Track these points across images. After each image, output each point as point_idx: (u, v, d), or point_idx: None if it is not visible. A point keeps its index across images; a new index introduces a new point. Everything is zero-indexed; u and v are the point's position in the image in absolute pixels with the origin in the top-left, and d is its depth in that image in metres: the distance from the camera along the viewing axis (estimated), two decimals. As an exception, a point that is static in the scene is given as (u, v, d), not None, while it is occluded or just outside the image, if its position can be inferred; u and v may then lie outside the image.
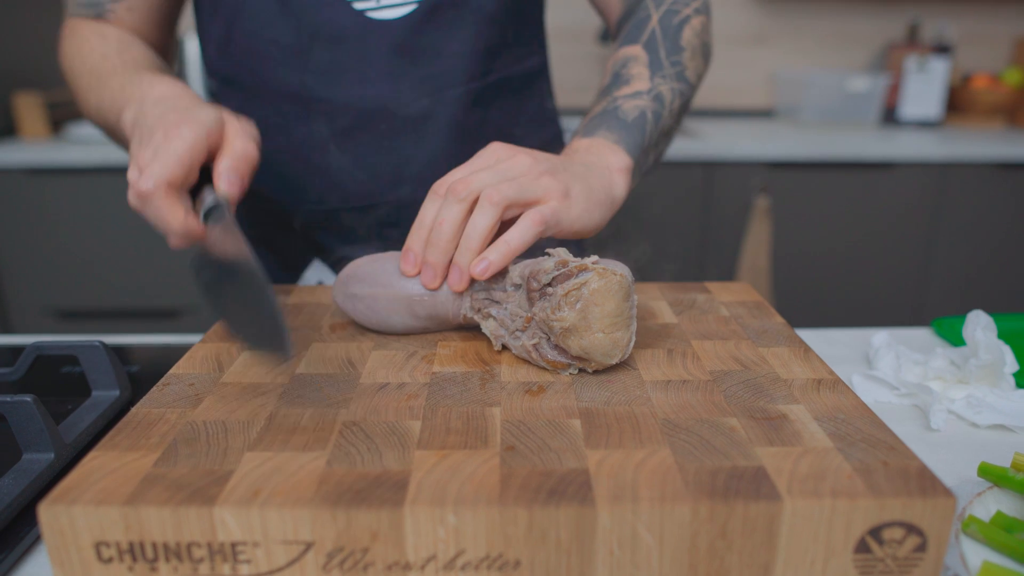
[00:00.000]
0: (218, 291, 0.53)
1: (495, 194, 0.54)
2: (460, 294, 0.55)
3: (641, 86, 0.71)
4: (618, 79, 0.73)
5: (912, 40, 2.36)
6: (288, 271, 0.87)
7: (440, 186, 0.56)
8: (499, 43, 0.79)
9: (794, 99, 2.30)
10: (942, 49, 2.27)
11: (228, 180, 0.56)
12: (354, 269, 0.59)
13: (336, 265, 0.84)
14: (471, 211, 0.54)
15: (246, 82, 0.78)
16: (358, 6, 0.73)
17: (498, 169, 0.56)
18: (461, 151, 0.78)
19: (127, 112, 0.62)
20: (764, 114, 2.48)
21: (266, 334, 0.47)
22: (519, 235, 0.54)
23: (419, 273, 0.56)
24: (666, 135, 0.74)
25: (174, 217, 0.54)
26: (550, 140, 0.89)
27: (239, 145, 0.58)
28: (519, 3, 0.80)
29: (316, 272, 0.85)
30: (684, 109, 0.76)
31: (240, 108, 0.80)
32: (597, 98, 0.73)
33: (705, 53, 0.78)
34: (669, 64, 0.73)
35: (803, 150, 1.95)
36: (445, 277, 0.55)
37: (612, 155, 0.66)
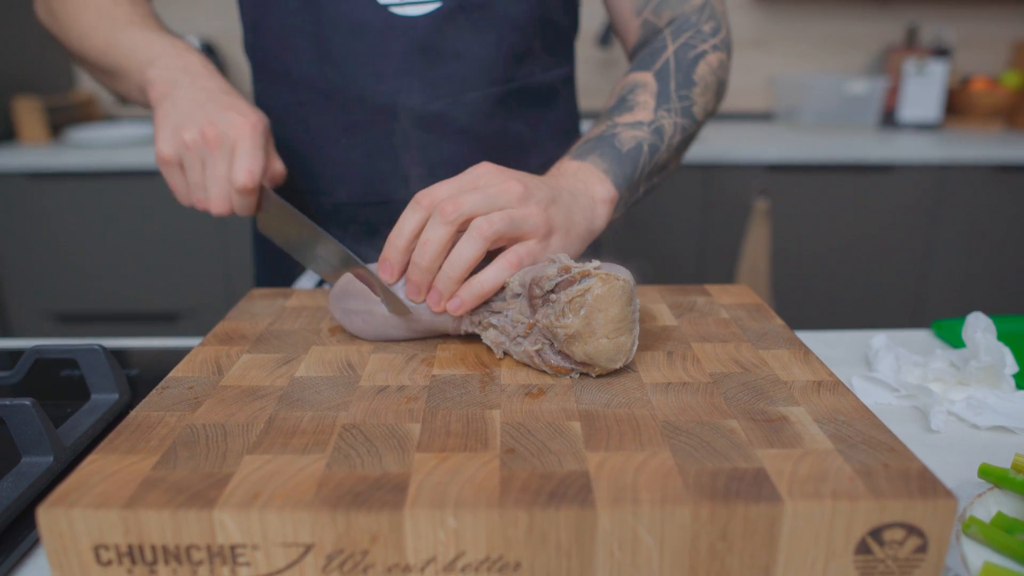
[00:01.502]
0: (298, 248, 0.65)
1: (487, 228, 0.53)
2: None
3: (643, 116, 0.71)
4: (622, 104, 0.72)
5: (911, 43, 2.36)
6: (291, 261, 0.87)
7: (424, 198, 0.55)
8: (524, 50, 0.78)
9: (793, 102, 2.30)
10: (941, 52, 2.27)
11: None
12: (348, 284, 0.58)
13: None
14: (456, 232, 0.54)
15: (271, 67, 0.80)
16: (383, 0, 0.73)
17: (488, 194, 0.55)
18: (474, 157, 0.78)
19: (153, 69, 0.70)
20: (763, 117, 2.49)
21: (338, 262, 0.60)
22: (494, 276, 0.54)
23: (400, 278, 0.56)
24: (661, 169, 0.74)
25: (252, 203, 0.67)
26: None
27: (279, 167, 0.70)
28: (548, 12, 0.79)
29: None
30: (686, 144, 0.75)
31: (263, 92, 0.83)
32: (599, 119, 0.72)
33: (718, 90, 0.77)
34: (677, 98, 0.72)
35: (802, 153, 1.95)
36: (427, 292, 0.55)
37: (599, 185, 0.65)
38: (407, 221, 0.55)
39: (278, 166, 0.70)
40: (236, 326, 0.60)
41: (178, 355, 0.70)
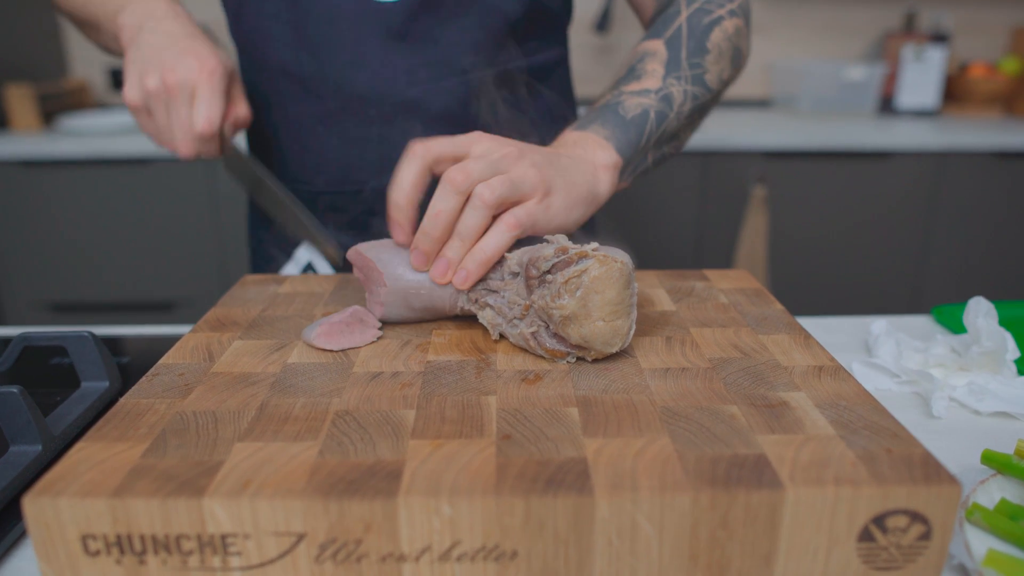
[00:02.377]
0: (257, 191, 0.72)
1: (489, 195, 0.52)
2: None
3: (651, 84, 0.69)
4: (631, 73, 0.71)
5: (909, 29, 2.35)
6: (281, 248, 0.86)
7: (420, 148, 0.54)
8: (507, 35, 0.76)
9: (791, 89, 2.29)
10: (939, 38, 2.26)
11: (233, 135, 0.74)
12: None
13: None
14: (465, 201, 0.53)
15: (251, 54, 0.79)
16: None
17: (490, 161, 0.54)
18: None
19: (122, 16, 0.72)
20: (761, 104, 2.47)
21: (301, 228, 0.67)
22: (494, 242, 0.53)
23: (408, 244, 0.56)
24: (672, 137, 0.72)
25: (215, 147, 0.70)
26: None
27: (242, 111, 0.72)
28: None
29: (307, 252, 0.84)
30: (699, 113, 0.73)
31: (248, 80, 0.83)
32: (606, 90, 0.71)
33: (735, 57, 0.75)
34: (688, 65, 0.71)
35: (800, 139, 1.94)
36: (433, 261, 0.54)
37: (600, 150, 0.64)
38: (405, 173, 0.55)
39: (241, 110, 0.72)
40: (228, 312, 0.59)
41: (170, 343, 0.69)
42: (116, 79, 2.36)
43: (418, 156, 0.54)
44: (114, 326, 0.76)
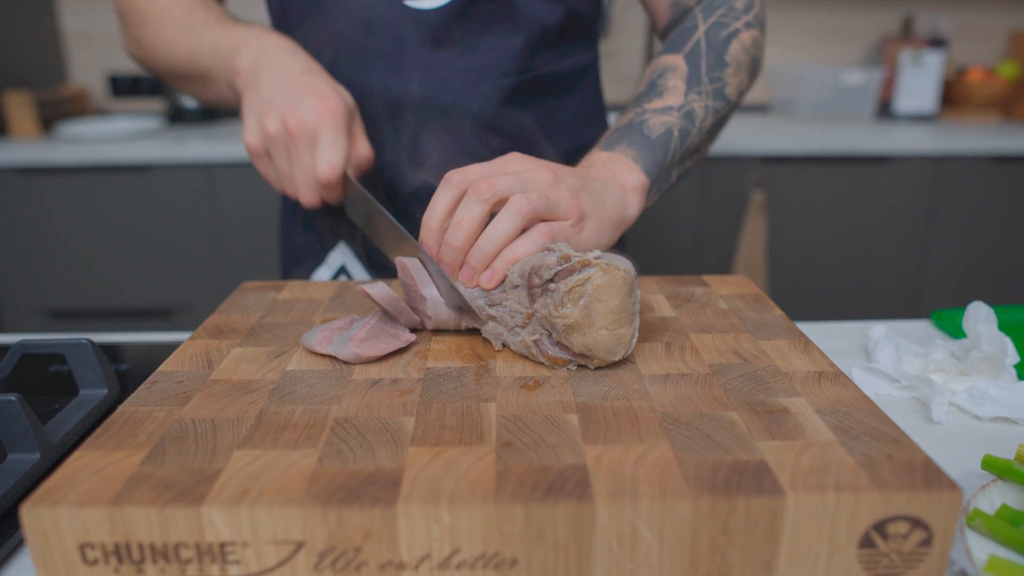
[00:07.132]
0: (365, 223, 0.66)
1: (525, 205, 0.53)
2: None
3: (673, 101, 0.70)
4: (652, 89, 0.71)
5: (907, 34, 2.35)
6: (315, 249, 0.86)
7: (455, 176, 0.55)
8: (541, 39, 0.77)
9: (789, 93, 2.29)
10: (937, 43, 2.26)
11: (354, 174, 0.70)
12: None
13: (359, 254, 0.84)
14: (489, 213, 0.54)
15: None
16: None
17: (520, 178, 0.55)
18: (489, 148, 0.77)
19: (237, 59, 0.70)
20: (759, 109, 2.47)
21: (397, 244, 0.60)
22: (526, 247, 0.53)
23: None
24: (693, 153, 0.72)
25: (339, 193, 0.67)
26: (589, 143, 0.84)
27: (363, 150, 0.69)
28: (570, 2, 0.77)
29: (339, 255, 0.84)
30: (719, 126, 0.74)
31: None
32: (629, 106, 0.72)
33: (752, 68, 0.76)
34: (708, 80, 0.71)
35: (798, 144, 1.94)
36: (459, 270, 0.55)
37: (628, 173, 0.65)
38: (440, 200, 0.55)
39: (362, 149, 0.69)
40: (227, 319, 0.59)
41: (169, 350, 0.68)
42: (115, 86, 2.36)
43: (452, 184, 0.55)
44: (113, 333, 0.76)
